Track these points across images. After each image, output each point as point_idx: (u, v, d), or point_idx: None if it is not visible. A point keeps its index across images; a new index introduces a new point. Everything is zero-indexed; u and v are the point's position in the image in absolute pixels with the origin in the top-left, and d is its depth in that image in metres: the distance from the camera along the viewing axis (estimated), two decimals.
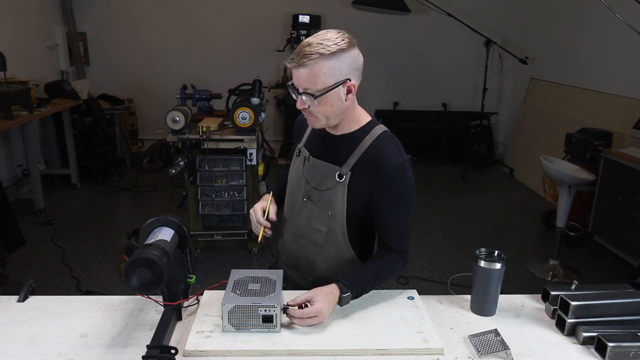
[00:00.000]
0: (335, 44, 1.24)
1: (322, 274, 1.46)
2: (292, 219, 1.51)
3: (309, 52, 1.23)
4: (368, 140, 1.36)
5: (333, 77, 1.26)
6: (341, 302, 1.27)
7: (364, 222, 1.43)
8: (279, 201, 1.58)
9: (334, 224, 1.41)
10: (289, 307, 1.21)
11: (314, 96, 1.27)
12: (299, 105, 1.32)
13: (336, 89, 1.27)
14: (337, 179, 1.37)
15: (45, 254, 3.50)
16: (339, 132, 1.40)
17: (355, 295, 1.30)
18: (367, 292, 1.34)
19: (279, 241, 1.64)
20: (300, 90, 1.28)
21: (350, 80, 1.29)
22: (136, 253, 1.11)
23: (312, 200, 1.43)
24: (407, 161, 1.35)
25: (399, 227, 1.39)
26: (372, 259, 1.39)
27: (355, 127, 1.39)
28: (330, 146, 1.42)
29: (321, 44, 1.23)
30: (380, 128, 1.40)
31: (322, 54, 1.23)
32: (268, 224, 1.47)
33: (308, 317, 1.20)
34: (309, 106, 1.30)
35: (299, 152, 1.51)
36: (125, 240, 3.38)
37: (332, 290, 1.26)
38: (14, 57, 4.05)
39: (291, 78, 1.32)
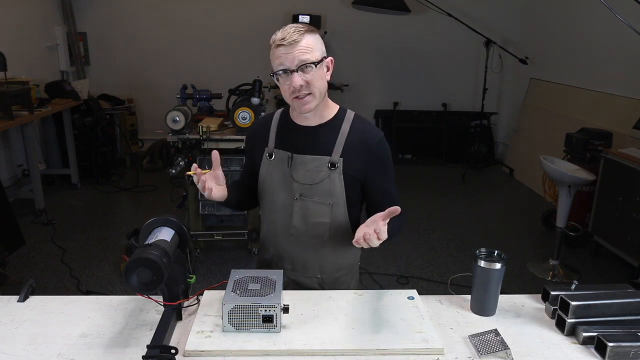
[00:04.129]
0: (307, 25, 1.35)
1: (330, 266, 1.48)
2: (284, 223, 1.49)
3: (296, 29, 1.31)
4: (347, 125, 1.43)
5: (319, 50, 1.35)
6: None
7: (359, 201, 1.49)
8: (232, 197, 1.49)
9: (337, 213, 1.43)
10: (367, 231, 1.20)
11: (314, 64, 1.32)
12: (295, 84, 1.32)
13: (324, 61, 1.36)
14: (330, 168, 1.40)
15: (45, 254, 3.50)
16: (317, 123, 1.44)
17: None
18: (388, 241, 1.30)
19: (262, 251, 1.62)
20: (294, 67, 1.31)
21: (326, 57, 1.38)
22: (136, 253, 1.11)
23: (306, 197, 1.43)
24: (384, 134, 1.47)
25: (392, 193, 1.48)
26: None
27: (331, 114, 1.45)
28: (311, 138, 1.43)
29: (297, 26, 1.33)
30: (351, 112, 1.48)
31: (307, 30, 1.33)
32: (200, 171, 1.36)
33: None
34: (306, 82, 1.32)
35: (271, 155, 1.48)
36: (125, 240, 3.38)
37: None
38: (14, 57, 4.05)
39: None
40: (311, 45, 1.32)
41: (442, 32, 5.96)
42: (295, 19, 5.37)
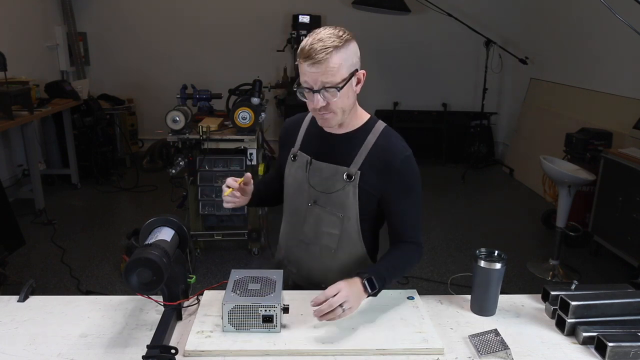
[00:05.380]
0: (340, 36, 1.25)
1: (336, 278, 1.44)
2: (297, 227, 1.47)
3: (323, 47, 1.22)
4: (373, 137, 1.36)
5: (347, 68, 1.27)
6: (366, 287, 1.23)
7: (375, 219, 1.43)
8: (255, 197, 1.52)
9: (348, 226, 1.39)
10: (314, 305, 1.18)
11: (337, 89, 1.25)
12: (316, 105, 1.28)
13: (353, 77, 1.29)
14: (346, 180, 1.36)
15: (45, 254, 3.50)
16: (342, 131, 1.39)
17: (380, 285, 1.26)
18: (390, 283, 1.31)
19: (277, 251, 1.62)
20: (317, 88, 1.26)
21: (358, 70, 1.30)
22: (136, 253, 1.11)
23: (320, 205, 1.41)
24: (412, 153, 1.37)
25: (412, 219, 1.39)
26: (391, 252, 1.37)
27: (359, 124, 1.39)
28: (334, 146, 1.40)
29: (330, 37, 1.24)
30: (381, 124, 1.40)
31: (336, 46, 1.23)
32: (236, 185, 1.39)
33: (338, 306, 1.16)
34: (327, 103, 1.28)
35: (295, 156, 1.47)
36: (125, 240, 3.38)
37: (353, 280, 1.24)
38: (14, 57, 4.05)
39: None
40: (337, 65, 1.23)
41: (442, 32, 5.96)
42: (295, 19, 5.37)
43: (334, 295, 1.17)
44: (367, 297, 1.26)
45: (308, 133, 1.47)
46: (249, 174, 1.43)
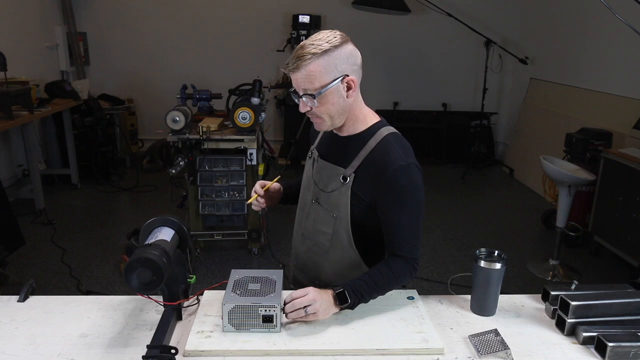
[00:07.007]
0: (327, 42, 1.24)
1: (328, 277, 1.45)
2: (302, 221, 1.51)
3: (302, 54, 1.24)
4: (373, 142, 1.34)
5: (329, 74, 1.25)
6: (337, 300, 1.25)
7: (370, 226, 1.39)
8: (288, 196, 1.62)
9: (339, 227, 1.39)
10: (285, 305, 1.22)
11: (313, 96, 1.26)
12: (301, 109, 1.31)
13: (335, 86, 1.26)
14: (341, 181, 1.36)
15: (45, 254, 3.50)
16: (344, 133, 1.39)
17: (354, 299, 1.27)
18: (368, 299, 1.31)
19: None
20: (300, 93, 1.29)
21: (348, 76, 1.28)
22: (136, 253, 1.11)
23: (319, 202, 1.43)
24: (414, 164, 1.30)
25: (405, 233, 1.33)
26: (376, 266, 1.36)
27: (362, 127, 1.37)
28: (337, 148, 1.41)
29: (313, 44, 1.24)
30: (387, 129, 1.37)
31: (314, 54, 1.23)
32: (261, 192, 1.50)
33: (302, 307, 1.20)
34: (311, 108, 1.30)
35: (311, 153, 1.51)
36: (125, 240, 3.38)
37: (326, 290, 1.27)
38: (14, 57, 4.05)
39: (291, 81, 1.32)
40: (314, 73, 1.24)
41: (442, 32, 5.96)
42: (295, 19, 5.37)
43: (302, 297, 1.22)
44: (340, 310, 1.27)
45: (325, 132, 1.48)
46: (277, 185, 1.55)
